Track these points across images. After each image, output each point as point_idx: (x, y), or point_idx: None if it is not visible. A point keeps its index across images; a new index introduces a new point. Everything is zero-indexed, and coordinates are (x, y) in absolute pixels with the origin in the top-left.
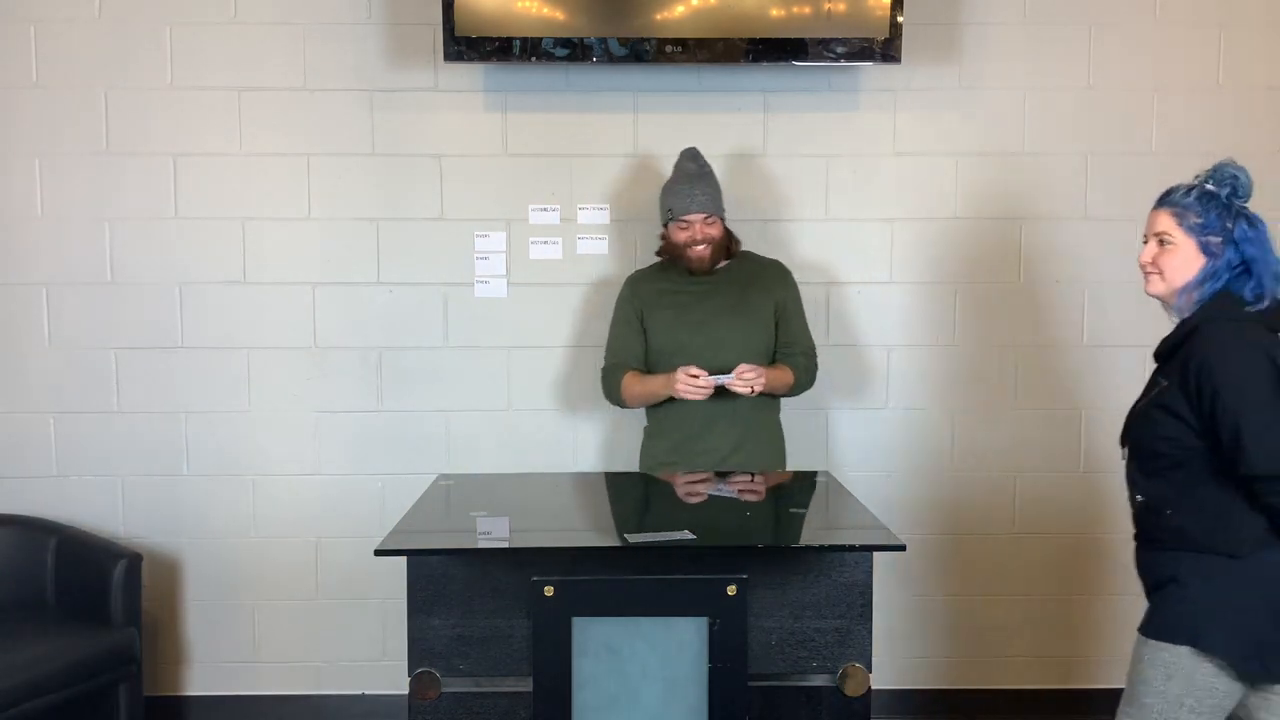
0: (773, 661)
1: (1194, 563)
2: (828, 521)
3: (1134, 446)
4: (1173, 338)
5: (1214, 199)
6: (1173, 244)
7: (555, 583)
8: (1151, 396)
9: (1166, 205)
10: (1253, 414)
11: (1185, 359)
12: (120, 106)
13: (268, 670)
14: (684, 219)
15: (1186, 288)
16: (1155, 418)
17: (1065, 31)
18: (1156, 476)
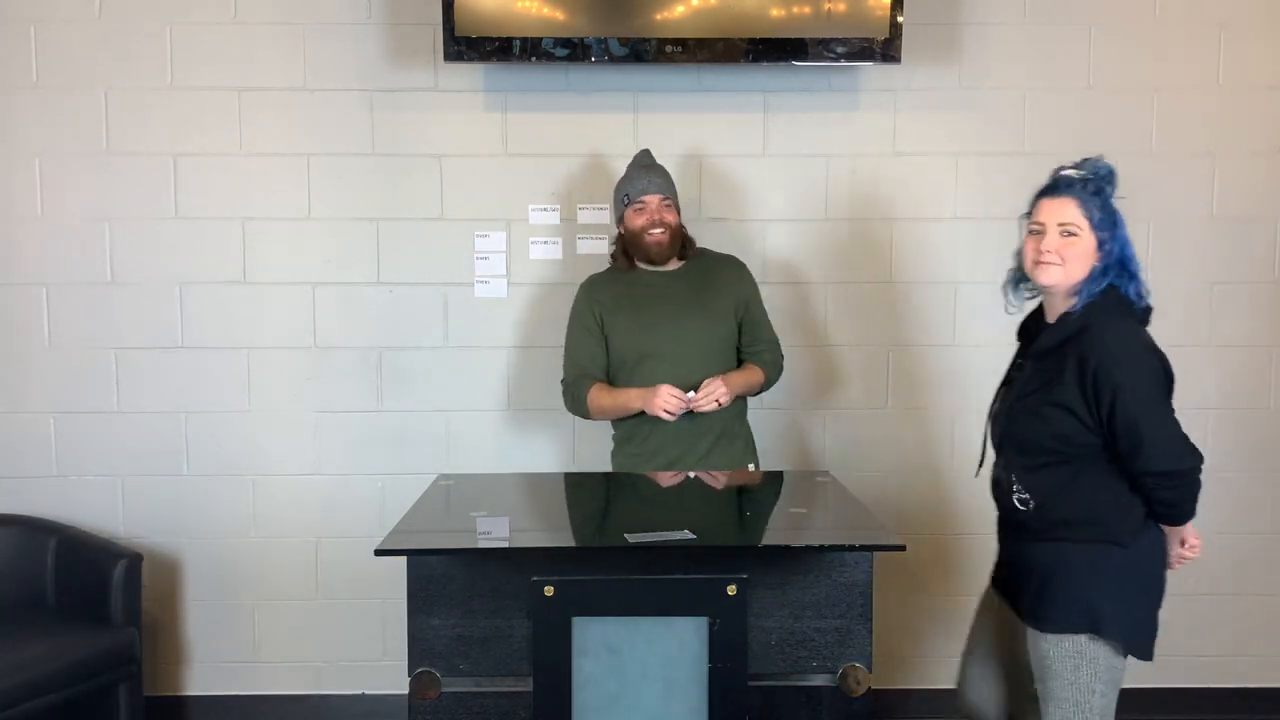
0: (773, 661)
1: (1082, 553)
2: (828, 521)
3: (1019, 443)
4: (1058, 332)
5: (1105, 195)
6: (1077, 236)
7: (555, 583)
8: (1039, 393)
9: (1069, 194)
10: (1150, 414)
11: (1082, 357)
12: (120, 106)
13: (268, 670)
14: (640, 199)
15: (1082, 282)
16: (1047, 415)
17: (1065, 31)
18: (1040, 471)
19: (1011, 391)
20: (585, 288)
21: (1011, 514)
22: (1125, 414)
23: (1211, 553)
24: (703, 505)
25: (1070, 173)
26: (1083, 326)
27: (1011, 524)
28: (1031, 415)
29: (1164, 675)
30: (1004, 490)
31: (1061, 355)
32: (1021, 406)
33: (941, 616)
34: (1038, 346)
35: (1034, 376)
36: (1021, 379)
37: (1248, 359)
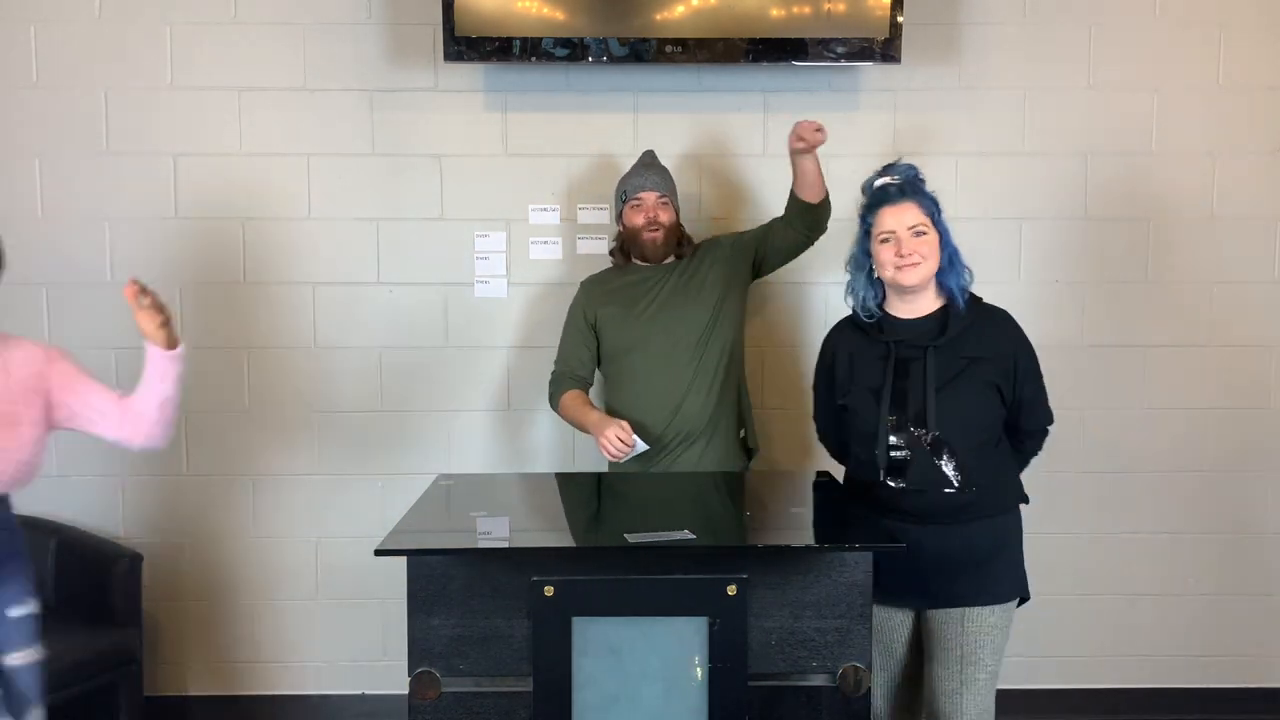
0: (773, 661)
1: (1009, 523)
2: (828, 521)
3: (962, 428)
4: (957, 323)
5: (926, 190)
6: (926, 233)
7: (555, 583)
8: (963, 379)
9: (907, 198)
10: (1040, 382)
11: (996, 340)
12: (120, 106)
13: (268, 670)
14: (637, 196)
15: (935, 274)
16: (986, 398)
17: (1065, 31)
18: (978, 452)
19: (926, 379)
20: (582, 287)
21: (940, 501)
22: (1030, 386)
23: (1212, 553)
24: (703, 505)
25: (891, 180)
26: (980, 311)
27: (938, 510)
28: (968, 399)
29: (1164, 675)
30: (937, 478)
31: (974, 338)
32: (950, 392)
33: None
34: (950, 335)
35: (944, 365)
36: (928, 368)
37: (1248, 359)
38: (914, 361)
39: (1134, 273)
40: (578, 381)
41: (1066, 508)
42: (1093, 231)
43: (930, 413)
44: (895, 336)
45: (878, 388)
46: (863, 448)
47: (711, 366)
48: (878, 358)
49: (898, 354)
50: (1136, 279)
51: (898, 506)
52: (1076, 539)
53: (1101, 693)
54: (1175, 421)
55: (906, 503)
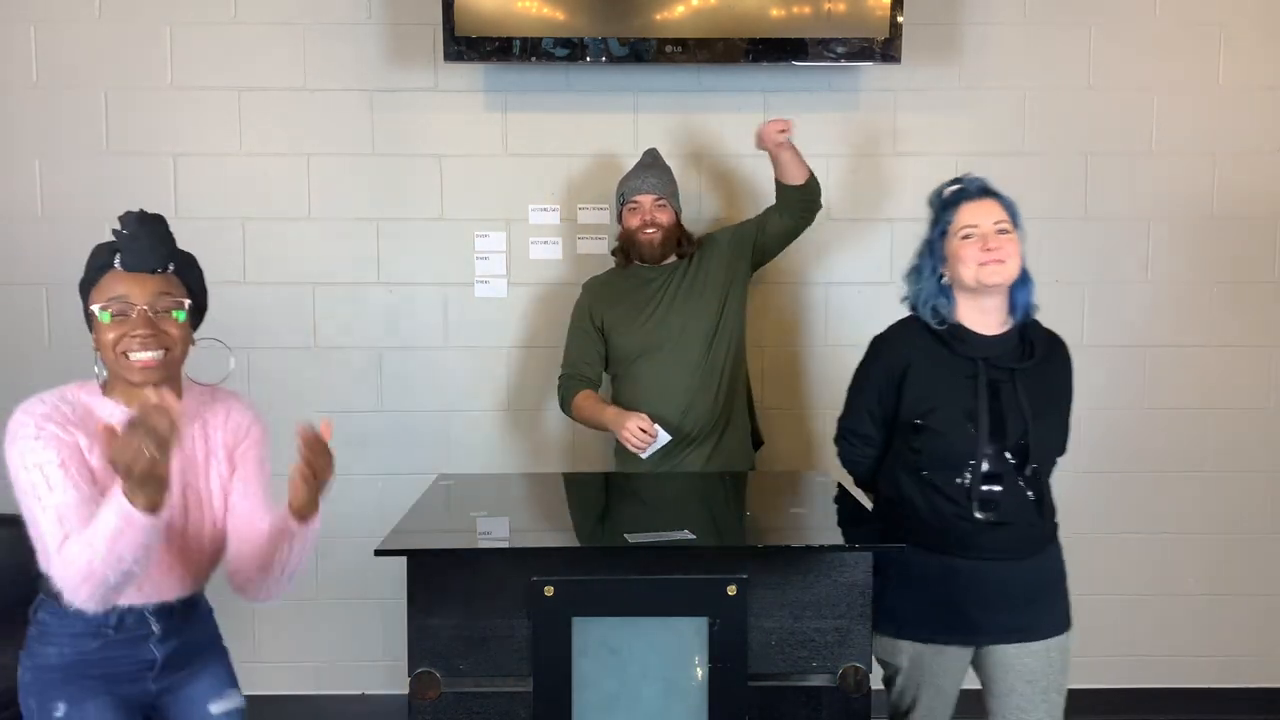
0: (773, 661)
1: (1059, 548)
2: (828, 521)
3: (1047, 456)
4: (1040, 344)
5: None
6: (1010, 232)
7: (555, 583)
8: (1046, 403)
9: (989, 197)
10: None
11: (1064, 368)
12: (120, 106)
13: (268, 670)
14: (634, 200)
15: (1017, 283)
16: (1064, 425)
17: (1065, 31)
18: (1047, 480)
19: (1021, 408)
20: (585, 288)
21: (1023, 534)
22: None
23: (1212, 553)
24: (703, 505)
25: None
26: (1051, 336)
27: (1019, 544)
28: (1054, 428)
29: (1164, 675)
30: (1026, 511)
31: (1050, 369)
32: (1042, 422)
33: None
34: (1038, 358)
35: (1030, 388)
36: (1020, 393)
37: (1248, 359)
38: (1003, 384)
39: (1134, 273)
40: (588, 382)
41: (1066, 508)
42: (1093, 231)
43: (1033, 444)
44: (979, 353)
45: (969, 410)
46: (944, 474)
47: (719, 366)
48: (964, 375)
49: (986, 373)
50: (1137, 279)
51: (973, 541)
52: (1076, 539)
53: (1102, 693)
54: (1175, 421)
55: (985, 536)
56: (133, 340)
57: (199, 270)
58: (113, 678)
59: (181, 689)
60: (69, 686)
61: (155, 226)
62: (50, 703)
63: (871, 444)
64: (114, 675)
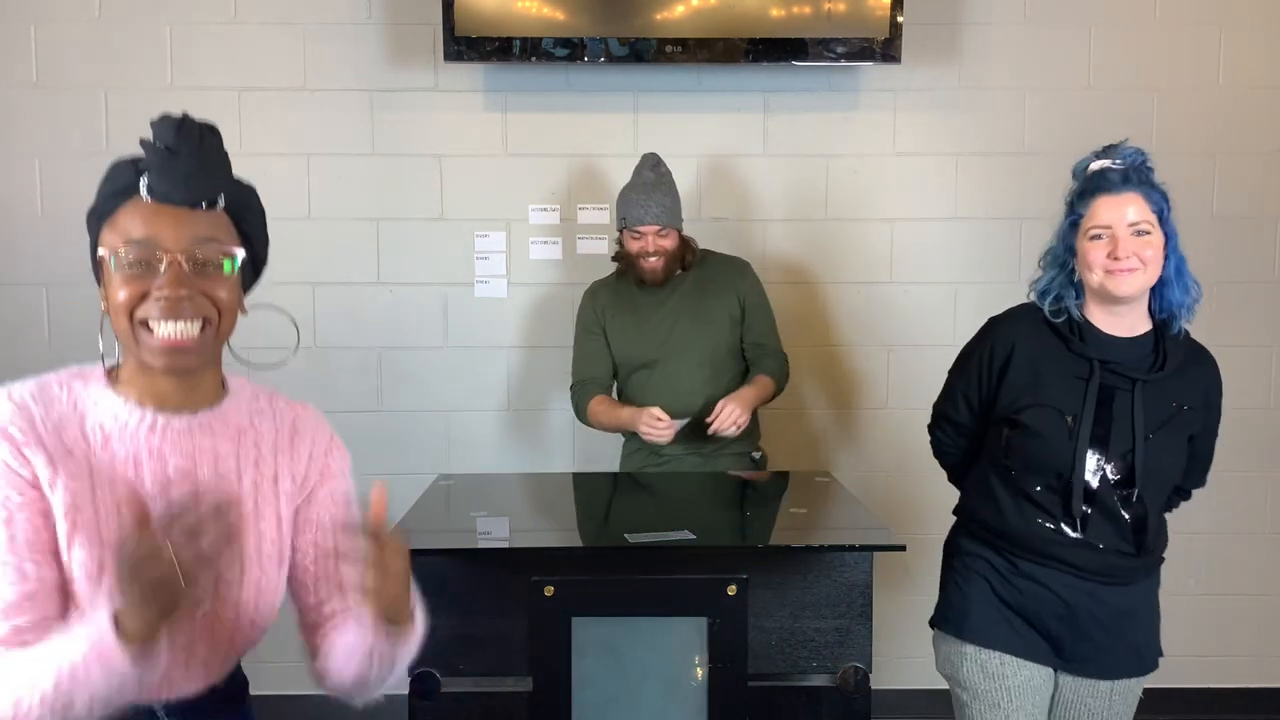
0: (773, 661)
1: (1154, 580)
2: (828, 521)
3: (1162, 482)
4: (1174, 355)
5: (1157, 185)
6: (1150, 234)
7: (555, 583)
8: (1172, 424)
9: (1132, 188)
10: (1215, 437)
11: (1206, 387)
12: (120, 106)
13: (268, 670)
14: (637, 229)
15: (1157, 287)
16: (1184, 448)
17: (1065, 31)
18: (1158, 513)
19: (1135, 422)
20: (589, 294)
21: (1113, 562)
22: (1212, 437)
23: (1211, 553)
24: (703, 505)
25: (1112, 164)
26: (1191, 351)
27: (1107, 570)
28: (1170, 450)
29: (1164, 675)
30: (1120, 536)
31: (1182, 385)
32: (1157, 441)
33: None
34: (1168, 369)
35: (1154, 403)
36: (1136, 406)
37: (1248, 359)
38: (1120, 392)
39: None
40: (601, 388)
41: None
42: None
43: (1139, 464)
44: (1100, 354)
45: (1074, 413)
46: (1034, 479)
47: (724, 379)
48: (1074, 375)
49: (1102, 377)
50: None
51: (1057, 554)
52: None
53: None
54: None
55: (1071, 554)
56: (157, 304)
57: (260, 209)
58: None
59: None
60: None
61: (205, 140)
62: None
63: (964, 433)
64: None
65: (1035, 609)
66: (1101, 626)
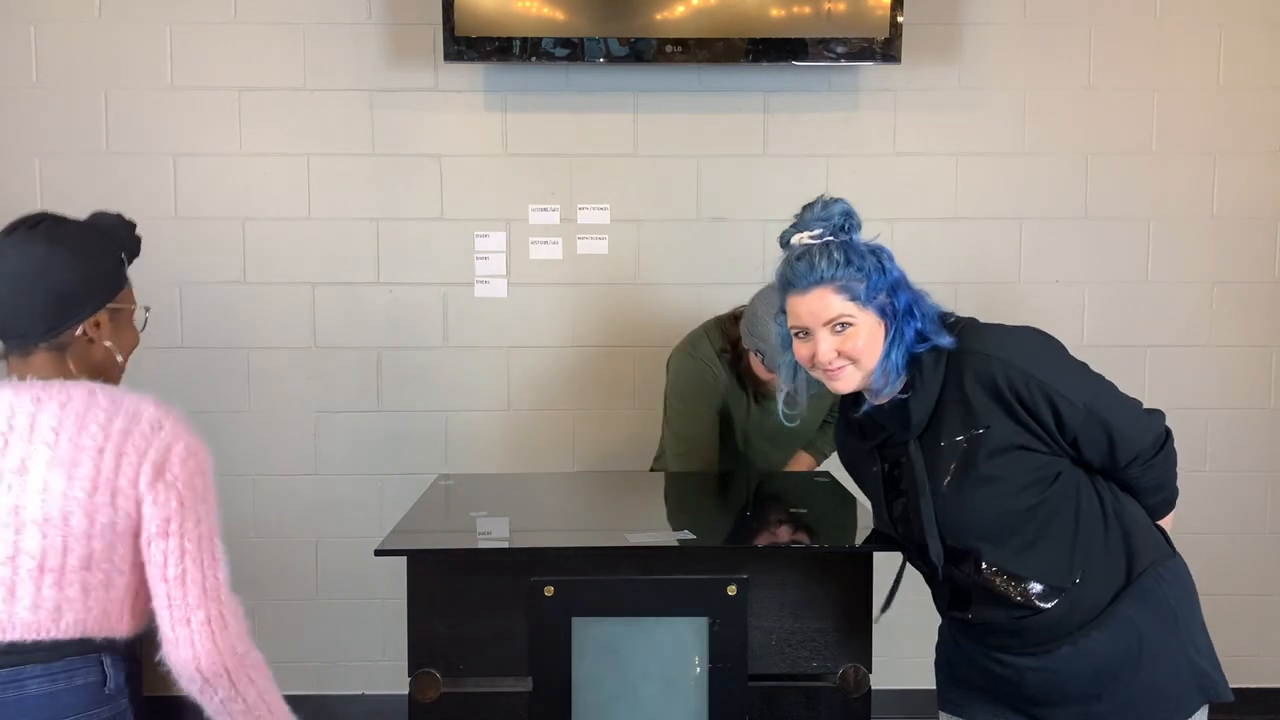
0: (773, 661)
1: (1142, 601)
2: (828, 521)
3: (986, 531)
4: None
5: (854, 249)
6: (853, 323)
7: (555, 583)
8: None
9: (821, 282)
10: (1099, 396)
11: (986, 381)
12: (120, 106)
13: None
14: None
15: (881, 364)
16: (1001, 472)
17: (1065, 31)
18: (1039, 546)
19: (918, 489)
20: (708, 363)
21: (1026, 623)
22: (1073, 408)
23: (1212, 553)
24: (703, 505)
25: (799, 241)
26: (949, 363)
27: (1028, 636)
28: (977, 488)
29: None
30: (998, 598)
31: (959, 406)
32: (954, 488)
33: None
34: (916, 423)
35: (935, 455)
36: (920, 469)
37: (1248, 359)
38: (904, 463)
39: (1134, 273)
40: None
41: None
42: (1093, 231)
43: (935, 520)
44: (877, 437)
45: (881, 505)
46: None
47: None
48: (871, 468)
49: (883, 457)
50: (1136, 279)
51: (983, 639)
52: None
53: None
54: (1175, 421)
55: (990, 634)
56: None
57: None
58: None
59: None
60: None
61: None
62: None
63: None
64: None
65: (981, 684)
66: (1067, 692)
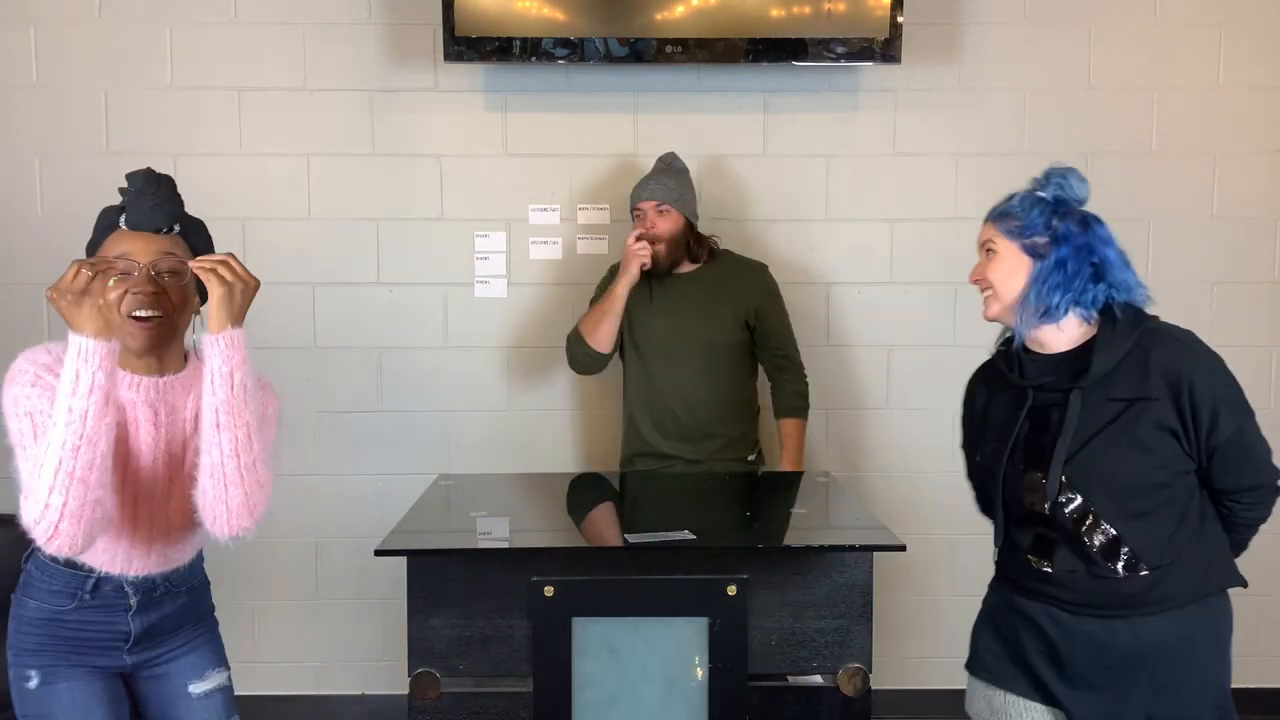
0: (773, 661)
1: (1205, 617)
2: (828, 521)
3: (1114, 486)
4: (1107, 355)
5: (1036, 200)
6: (995, 251)
7: (555, 583)
8: (1120, 422)
9: (989, 216)
10: (1250, 424)
11: (1171, 368)
12: (120, 106)
13: (268, 670)
14: (637, 207)
15: (1022, 298)
16: (1149, 442)
17: (1065, 31)
18: (1148, 519)
19: (1067, 430)
20: (611, 269)
21: (1101, 584)
22: (1229, 425)
23: None
24: (703, 505)
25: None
26: (1142, 334)
27: (1097, 599)
28: (1126, 447)
29: None
30: (1091, 553)
31: (1134, 372)
32: (1103, 441)
33: (942, 617)
34: (1096, 371)
35: (1094, 407)
36: (1074, 413)
37: (1248, 359)
38: (1056, 409)
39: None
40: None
41: None
42: None
43: (1074, 468)
44: (1035, 379)
45: (1009, 441)
46: (1004, 515)
47: (723, 381)
48: (1013, 407)
49: (1035, 400)
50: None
51: (1039, 589)
52: None
53: None
54: None
55: (1052, 586)
56: (134, 299)
57: (208, 236)
58: (85, 644)
59: (161, 665)
60: (43, 654)
61: (163, 185)
62: (24, 669)
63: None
64: (86, 641)
65: (1023, 644)
66: (1102, 667)
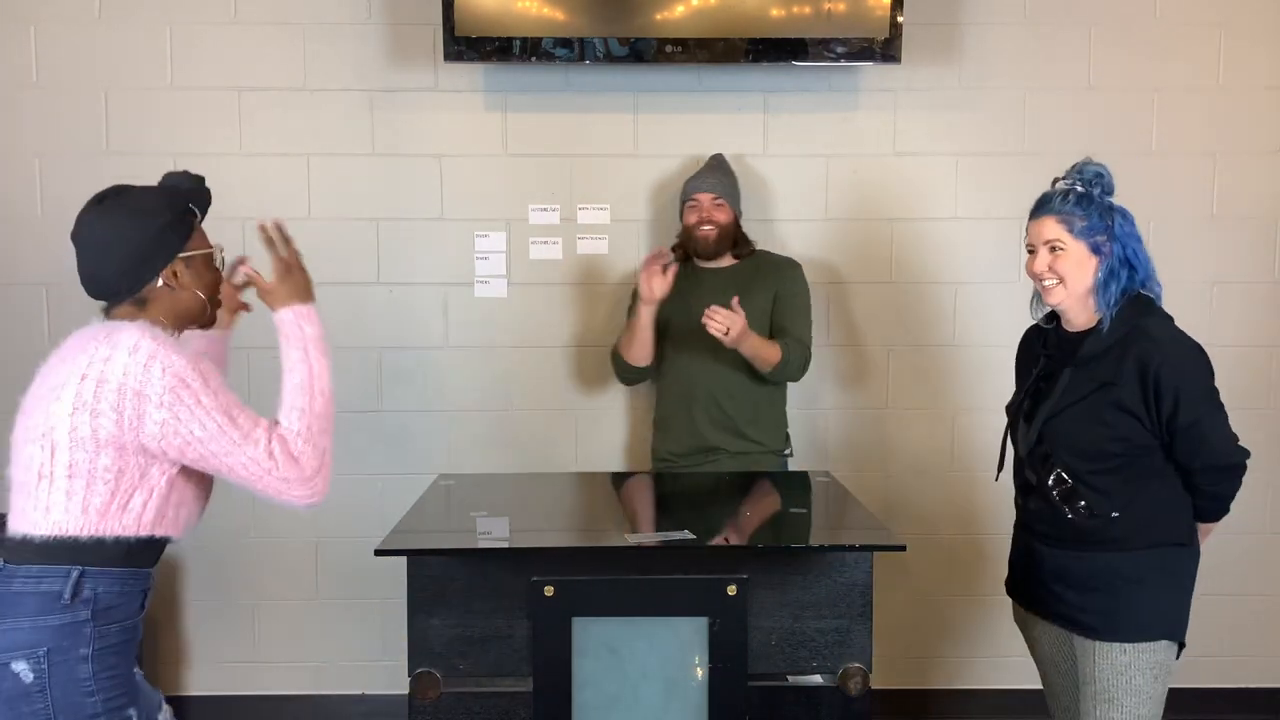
0: (773, 661)
1: (1152, 559)
2: (828, 521)
3: (1078, 449)
4: (1101, 339)
5: (1090, 199)
6: (1063, 250)
7: (555, 583)
8: (1093, 398)
9: (1049, 213)
10: (1210, 413)
11: (1141, 360)
12: (120, 106)
13: (268, 670)
14: (694, 198)
15: (1090, 290)
16: (1109, 419)
17: (1065, 31)
18: (1105, 477)
19: (1053, 398)
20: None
21: (1060, 522)
22: (1188, 414)
23: (1211, 553)
24: (703, 505)
25: (1057, 186)
26: (1130, 330)
27: (1059, 533)
28: (1090, 419)
29: None
30: (1052, 498)
31: (1114, 360)
32: (1075, 412)
33: (942, 617)
34: (1083, 354)
35: (1080, 382)
36: (1063, 385)
37: (1248, 359)
38: (1057, 378)
39: None
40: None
41: None
42: None
43: (1043, 429)
44: (1051, 349)
45: (1020, 399)
46: (1003, 452)
47: (749, 367)
48: (1031, 368)
49: (1046, 368)
50: None
51: (1031, 524)
52: None
53: None
54: None
55: (1036, 520)
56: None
57: None
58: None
59: None
60: (130, 682)
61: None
62: (121, 712)
63: None
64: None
65: (1024, 566)
66: (1064, 583)
